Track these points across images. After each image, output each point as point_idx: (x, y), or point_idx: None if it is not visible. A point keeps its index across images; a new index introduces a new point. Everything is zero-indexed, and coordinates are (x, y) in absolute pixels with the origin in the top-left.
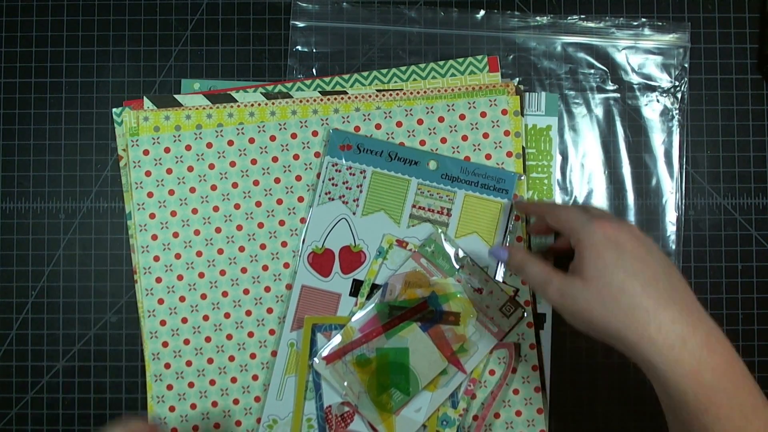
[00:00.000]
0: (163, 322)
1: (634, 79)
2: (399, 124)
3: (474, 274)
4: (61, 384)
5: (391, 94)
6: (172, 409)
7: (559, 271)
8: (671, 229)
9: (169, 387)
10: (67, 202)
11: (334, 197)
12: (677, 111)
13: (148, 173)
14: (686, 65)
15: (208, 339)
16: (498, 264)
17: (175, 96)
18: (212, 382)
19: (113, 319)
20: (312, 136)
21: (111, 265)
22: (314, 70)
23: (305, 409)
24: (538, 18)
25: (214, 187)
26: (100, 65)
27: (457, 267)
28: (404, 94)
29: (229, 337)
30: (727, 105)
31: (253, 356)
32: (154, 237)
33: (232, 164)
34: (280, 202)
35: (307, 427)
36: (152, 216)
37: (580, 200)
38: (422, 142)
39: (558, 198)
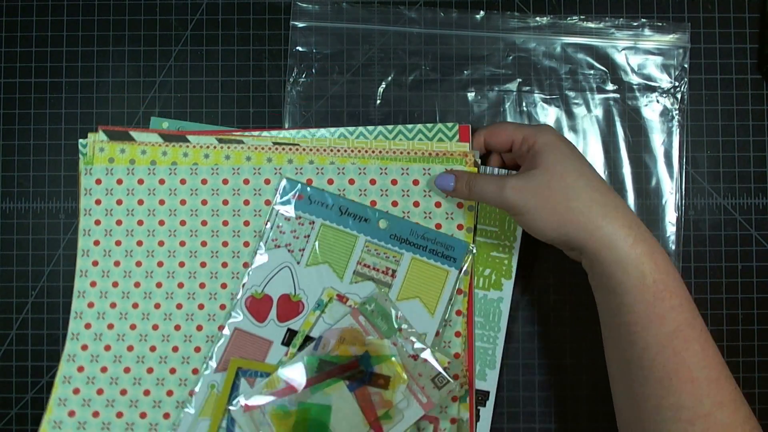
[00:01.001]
0: (84, 347)
1: (634, 79)
2: (351, 181)
3: (411, 339)
4: None
5: (345, 151)
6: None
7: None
8: (671, 229)
9: (71, 413)
10: (67, 202)
11: (280, 245)
12: (677, 111)
13: (98, 201)
14: (686, 65)
15: (127, 369)
16: (438, 327)
17: (130, 132)
18: (119, 414)
19: None
20: (264, 184)
21: None
22: (314, 70)
23: None
24: (537, 18)
25: (162, 222)
26: (100, 65)
27: (396, 328)
28: (359, 151)
29: (150, 370)
30: (727, 105)
31: (170, 393)
32: (95, 263)
33: (183, 202)
34: (225, 244)
35: None
36: (96, 243)
37: None
38: (373, 203)
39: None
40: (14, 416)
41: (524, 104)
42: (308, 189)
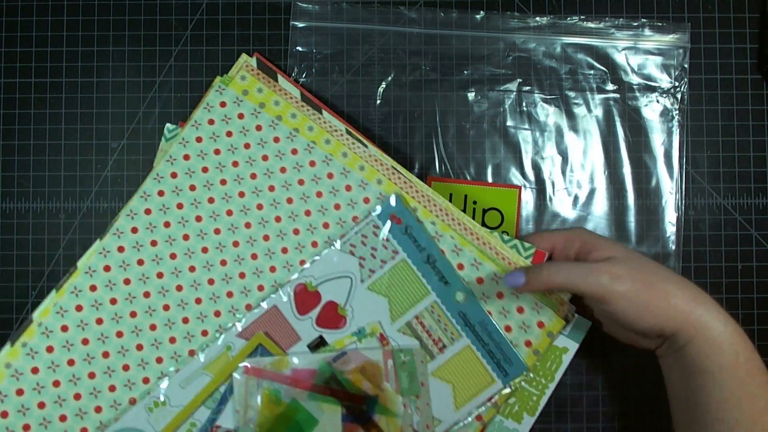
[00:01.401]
0: (93, 287)
1: (634, 79)
2: (443, 251)
3: (421, 415)
4: None
5: (453, 219)
6: (35, 370)
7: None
8: (671, 229)
9: (64, 328)
10: (67, 202)
11: (355, 254)
12: (677, 111)
13: (199, 139)
14: (686, 65)
15: (133, 313)
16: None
17: (278, 73)
18: (105, 354)
19: None
20: (363, 202)
21: None
22: (314, 70)
23: (197, 414)
24: (538, 18)
25: (253, 176)
26: (100, 65)
27: (415, 394)
28: (464, 228)
29: (166, 307)
30: (727, 105)
31: (172, 340)
32: (148, 211)
33: (282, 170)
34: (296, 232)
35: (188, 427)
36: (161, 193)
37: (581, 201)
38: (461, 266)
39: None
40: None
41: (524, 104)
42: (411, 219)
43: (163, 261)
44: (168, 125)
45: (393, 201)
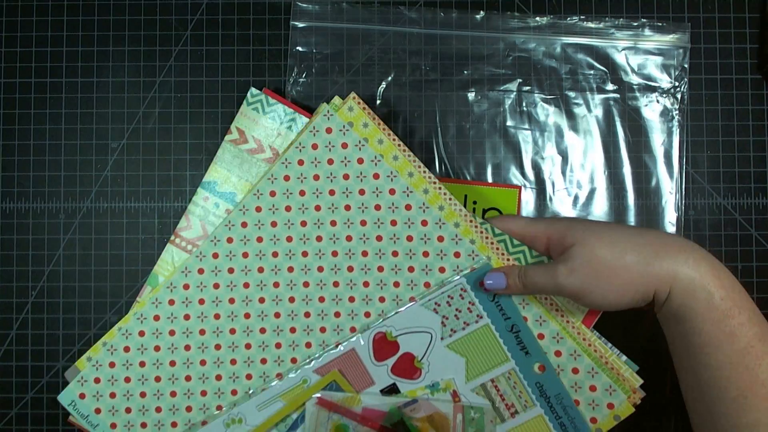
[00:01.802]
0: (171, 301)
1: (634, 79)
2: (526, 318)
3: None
4: (61, 384)
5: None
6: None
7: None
8: (671, 229)
9: (126, 349)
10: (67, 202)
11: (438, 312)
12: (677, 111)
13: (300, 162)
14: (686, 66)
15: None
16: None
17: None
18: (188, 378)
19: (113, 319)
20: (454, 256)
21: (111, 265)
22: (314, 70)
23: None
24: (537, 19)
25: (347, 208)
26: (100, 65)
27: None
28: (551, 304)
29: (263, 330)
30: (727, 105)
31: (263, 361)
32: (243, 224)
33: (377, 207)
34: (380, 269)
35: None
36: (258, 209)
37: (581, 201)
38: (541, 336)
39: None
40: (14, 416)
41: (524, 104)
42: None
43: (261, 280)
44: (252, 89)
45: (482, 266)
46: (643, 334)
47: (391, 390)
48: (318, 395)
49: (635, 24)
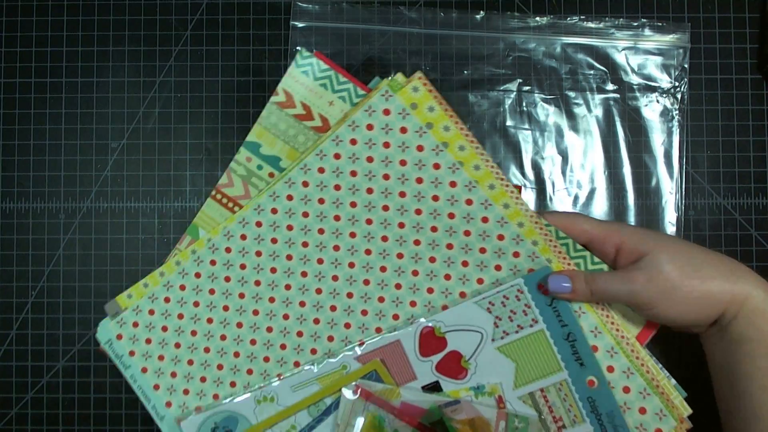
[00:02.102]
0: (198, 273)
1: (634, 79)
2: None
3: None
4: (61, 384)
5: (599, 305)
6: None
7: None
8: (671, 229)
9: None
10: (67, 202)
11: (492, 311)
12: (677, 111)
13: (353, 141)
14: (686, 65)
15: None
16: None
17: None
18: (223, 337)
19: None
20: (513, 256)
21: (111, 265)
22: None
23: (299, 417)
24: (537, 18)
25: (402, 194)
26: (100, 65)
27: None
28: (606, 315)
29: (302, 303)
30: (727, 105)
31: (299, 334)
32: (273, 211)
33: (435, 198)
34: (432, 259)
35: (287, 427)
36: (305, 184)
37: (581, 201)
38: (595, 348)
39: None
40: (14, 416)
41: (524, 104)
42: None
43: (305, 255)
44: (302, 51)
45: (542, 268)
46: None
47: (434, 388)
48: (356, 383)
49: (635, 24)
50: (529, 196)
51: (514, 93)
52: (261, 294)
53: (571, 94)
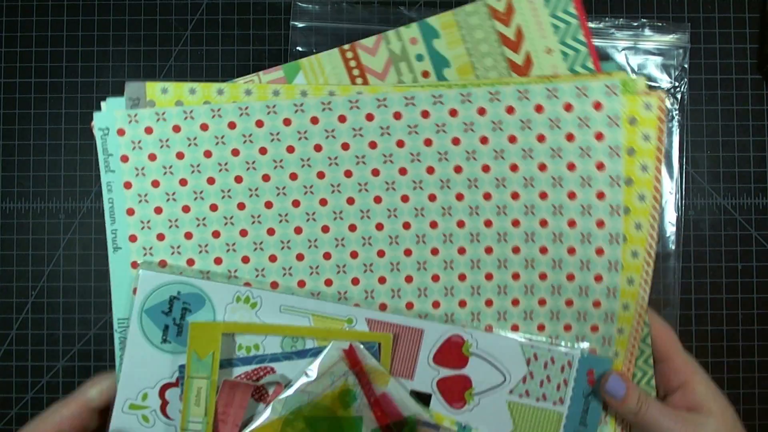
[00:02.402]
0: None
1: None
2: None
3: None
4: (61, 384)
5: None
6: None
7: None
8: (671, 229)
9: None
10: (67, 202)
11: (530, 363)
12: (677, 111)
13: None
14: (686, 65)
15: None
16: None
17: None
18: (241, 206)
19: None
20: (590, 330)
21: None
22: None
23: (269, 342)
24: None
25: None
26: (100, 65)
27: None
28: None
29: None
30: (727, 105)
31: (326, 256)
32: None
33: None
34: (516, 276)
35: (248, 344)
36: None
37: None
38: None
39: None
40: (14, 416)
41: None
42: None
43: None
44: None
45: (606, 365)
46: None
47: (423, 399)
48: (352, 344)
49: (635, 24)
50: None
51: None
52: (315, 190)
53: None
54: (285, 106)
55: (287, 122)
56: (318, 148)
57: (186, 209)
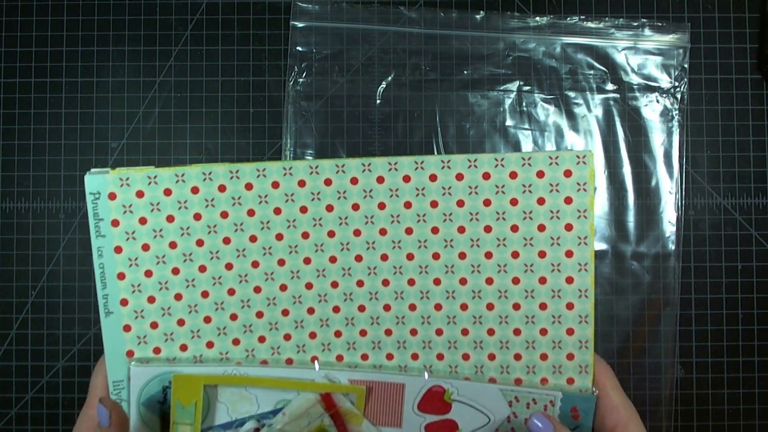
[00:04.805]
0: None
1: (634, 79)
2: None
3: None
4: (61, 384)
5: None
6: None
7: None
8: (671, 229)
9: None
10: (67, 202)
11: (511, 405)
12: (677, 111)
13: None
14: (686, 65)
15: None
16: None
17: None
18: (231, 292)
19: None
20: (567, 382)
21: None
22: (314, 70)
23: (262, 396)
24: (537, 18)
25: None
26: (100, 65)
27: None
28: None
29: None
30: (727, 105)
31: (312, 336)
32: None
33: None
34: (491, 332)
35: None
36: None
37: None
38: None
39: None
40: (14, 416)
41: (524, 104)
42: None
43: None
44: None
45: (590, 401)
46: None
47: None
48: (326, 393)
49: (635, 24)
50: None
51: (514, 93)
52: (301, 275)
53: (571, 94)
54: (274, 169)
55: (275, 185)
56: (304, 209)
57: (178, 297)
